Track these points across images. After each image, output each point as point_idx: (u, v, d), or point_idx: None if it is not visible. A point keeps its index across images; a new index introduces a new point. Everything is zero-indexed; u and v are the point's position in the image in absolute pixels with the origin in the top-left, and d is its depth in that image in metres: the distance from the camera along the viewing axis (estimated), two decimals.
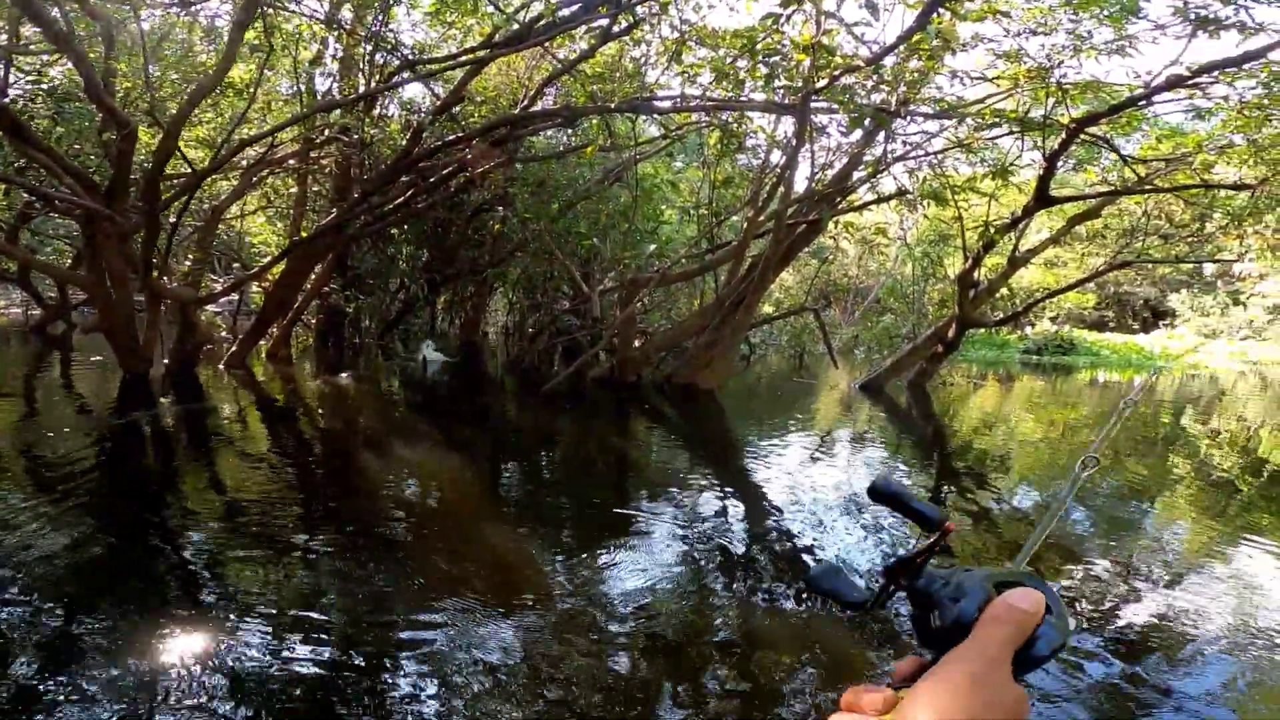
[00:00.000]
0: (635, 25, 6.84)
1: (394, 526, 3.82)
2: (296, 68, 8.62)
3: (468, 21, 10.46)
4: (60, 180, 5.69)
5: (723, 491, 5.07)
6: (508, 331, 16.47)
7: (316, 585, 3.01)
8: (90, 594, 2.76)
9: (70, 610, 2.61)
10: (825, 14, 5.78)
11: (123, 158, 5.87)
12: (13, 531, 3.29)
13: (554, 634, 2.65)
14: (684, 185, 12.65)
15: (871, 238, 10.65)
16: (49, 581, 2.86)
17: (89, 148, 6.93)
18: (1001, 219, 9.71)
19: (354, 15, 9.23)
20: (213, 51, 8.49)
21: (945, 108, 6.42)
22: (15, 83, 7.17)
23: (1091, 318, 30.95)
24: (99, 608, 2.67)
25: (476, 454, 5.92)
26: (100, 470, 4.51)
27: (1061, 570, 3.75)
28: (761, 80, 6.69)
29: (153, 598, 2.78)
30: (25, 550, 3.09)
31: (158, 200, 5.85)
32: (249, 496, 4.19)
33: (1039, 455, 7.74)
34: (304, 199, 9.75)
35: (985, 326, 12.37)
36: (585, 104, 8.45)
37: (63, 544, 3.20)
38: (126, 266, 6.38)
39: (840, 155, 8.68)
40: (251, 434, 6.09)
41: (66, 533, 3.32)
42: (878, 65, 5.48)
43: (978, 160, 8.20)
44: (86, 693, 2.10)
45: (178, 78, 7.29)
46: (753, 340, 15.13)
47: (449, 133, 8.88)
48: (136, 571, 3.04)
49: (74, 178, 5.67)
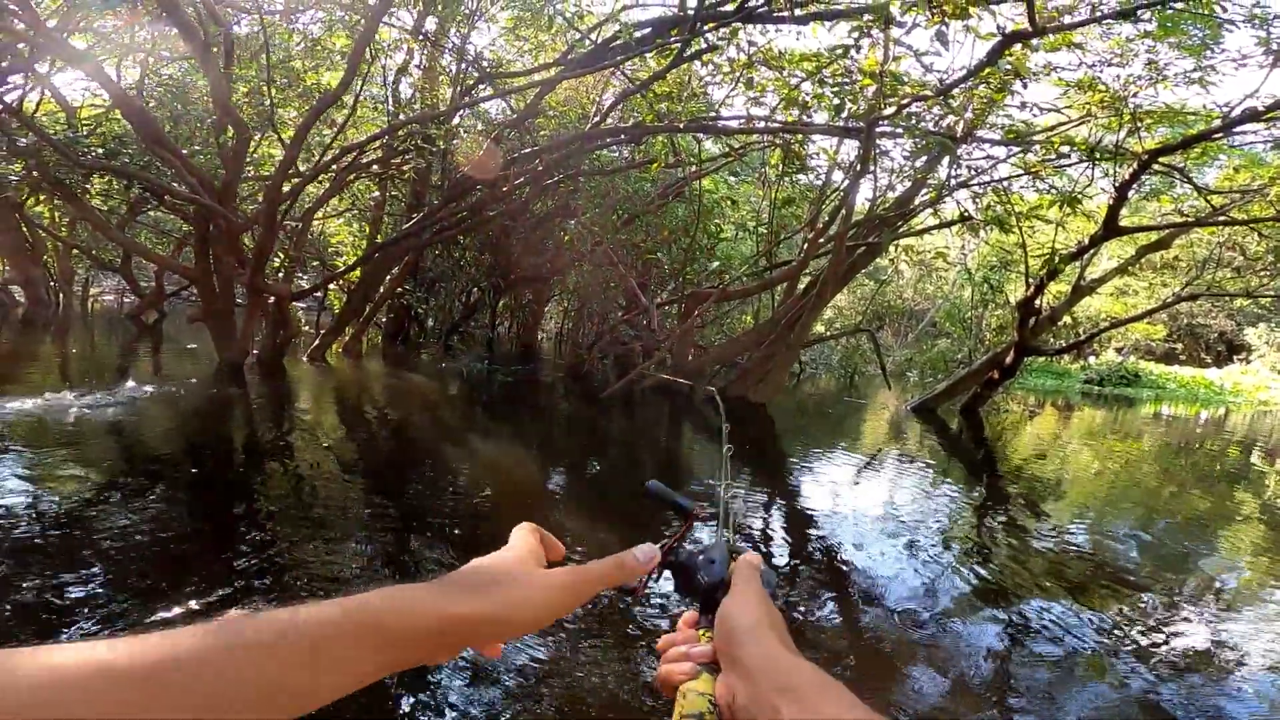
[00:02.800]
0: (710, 50, 7.12)
1: (446, 513, 4.03)
2: (385, 75, 9.23)
3: (541, 38, 11.00)
4: (182, 179, 6.27)
5: (766, 502, 5.18)
6: (561, 338, 16.91)
7: (362, 563, 3.18)
8: (170, 565, 3.03)
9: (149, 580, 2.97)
10: (894, 42, 5.95)
11: (237, 160, 6.45)
12: (109, 503, 3.71)
13: (586, 626, 2.72)
14: (742, 202, 12.86)
15: (931, 262, 10.61)
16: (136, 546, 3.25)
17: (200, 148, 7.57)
18: (1067, 247, 9.60)
19: (438, 27, 9.82)
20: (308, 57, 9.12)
21: (1013, 135, 6.48)
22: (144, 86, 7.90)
23: (1160, 349, 29.66)
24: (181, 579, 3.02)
25: (530, 451, 6.19)
26: (192, 446, 4.99)
27: (1112, 594, 3.76)
28: (828, 105, 6.89)
29: (223, 568, 3.10)
30: (114, 520, 3.46)
31: (278, 204, 6.39)
32: (321, 477, 4.55)
33: (1090, 486, 7.60)
34: (383, 203, 10.35)
35: (1045, 354, 12.15)
36: (653, 122, 8.77)
37: (151, 514, 3.59)
38: (233, 261, 6.96)
39: (903, 178, 8.76)
40: (331, 421, 6.55)
41: (156, 503, 3.72)
42: (946, 96, 5.60)
43: (1045, 187, 8.17)
44: None
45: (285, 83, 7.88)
46: (804, 359, 15.16)
47: (525, 145, 9.34)
48: (214, 544, 3.37)
49: (196, 178, 6.25)
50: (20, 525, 3.09)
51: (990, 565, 4.16)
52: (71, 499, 3.47)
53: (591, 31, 9.70)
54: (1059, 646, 3.05)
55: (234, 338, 7.60)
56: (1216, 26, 5.94)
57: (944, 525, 4.98)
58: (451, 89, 9.34)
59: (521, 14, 10.47)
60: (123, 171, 6.01)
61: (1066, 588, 3.81)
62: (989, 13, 4.85)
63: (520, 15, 10.56)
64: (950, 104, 5.80)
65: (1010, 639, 3.13)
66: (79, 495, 3.55)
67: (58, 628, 2.31)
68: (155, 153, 6.22)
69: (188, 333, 11.81)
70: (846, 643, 2.89)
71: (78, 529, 3.12)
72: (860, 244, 8.97)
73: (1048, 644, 3.07)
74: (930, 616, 3.27)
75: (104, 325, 12.42)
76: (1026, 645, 3.06)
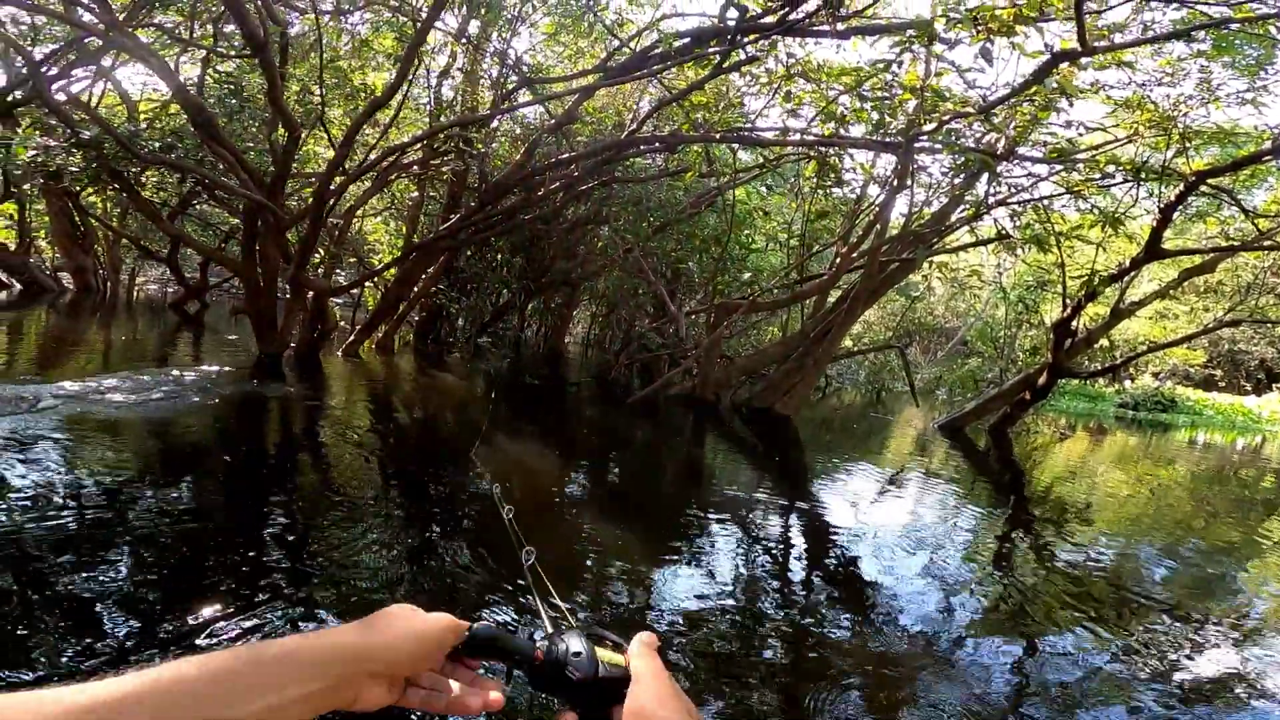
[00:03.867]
0: (750, 61, 7.15)
1: (471, 510, 4.06)
2: (428, 77, 9.44)
3: (581, 44, 11.15)
4: (235, 174, 6.47)
5: (788, 514, 5.17)
6: (588, 342, 17.01)
7: (383, 552, 3.22)
8: (198, 550, 3.13)
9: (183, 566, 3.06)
10: (937, 57, 5.92)
11: (287, 157, 6.65)
12: (144, 485, 3.82)
13: (603, 625, 2.77)
14: (773, 213, 12.85)
15: (965, 279, 10.49)
16: (169, 530, 3.35)
17: (251, 145, 7.79)
18: (1107, 269, 9.42)
19: (480, 31, 10.01)
20: (354, 58, 9.35)
21: (1056, 153, 6.40)
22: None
23: (1199, 375, 28.85)
24: (209, 564, 3.11)
25: (557, 453, 6.25)
26: (228, 433, 5.15)
27: (1134, 618, 3.70)
28: (867, 119, 6.86)
29: (252, 554, 3.20)
30: (147, 503, 3.57)
31: (325, 202, 6.56)
32: (351, 468, 4.66)
33: (1118, 509, 7.45)
34: (421, 203, 10.55)
35: (1079, 377, 11.91)
36: (689, 132, 8.82)
37: (182, 499, 3.70)
38: (279, 256, 7.16)
39: (940, 194, 8.69)
40: (363, 415, 6.69)
41: (189, 488, 3.84)
42: (989, 114, 5.56)
43: (1087, 206, 8.03)
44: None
45: (334, 83, 8.10)
46: (830, 373, 15.05)
47: (560, 151, 9.46)
48: (241, 530, 3.46)
49: (248, 174, 6.45)
50: (56, 508, 3.21)
51: (1010, 585, 4.13)
52: (106, 481, 3.59)
53: (631, 40, 9.80)
54: (1077, 668, 3.02)
55: (274, 330, 7.80)
56: (1271, 47, 5.82)
57: (966, 544, 4.94)
58: (492, 92, 9.50)
59: (562, 20, 10.63)
60: (179, 165, 6.23)
61: (1088, 610, 3.76)
62: (1036, 30, 4.81)
63: (561, 21, 10.72)
64: (992, 121, 5.75)
65: (1027, 660, 3.10)
66: (114, 477, 3.67)
67: (87, 621, 2.38)
68: (210, 147, 6.44)
69: (228, 324, 12.14)
70: (859, 658, 2.88)
71: (110, 512, 3.22)
72: (894, 260, 8.91)
73: (1066, 665, 3.04)
74: (946, 634, 3.25)
75: (148, 314, 12.81)
76: (1043, 666, 3.03)
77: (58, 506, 3.16)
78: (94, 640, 2.16)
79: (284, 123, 6.41)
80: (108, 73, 7.22)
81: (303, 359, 8.34)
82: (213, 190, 7.82)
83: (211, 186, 7.06)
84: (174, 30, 7.11)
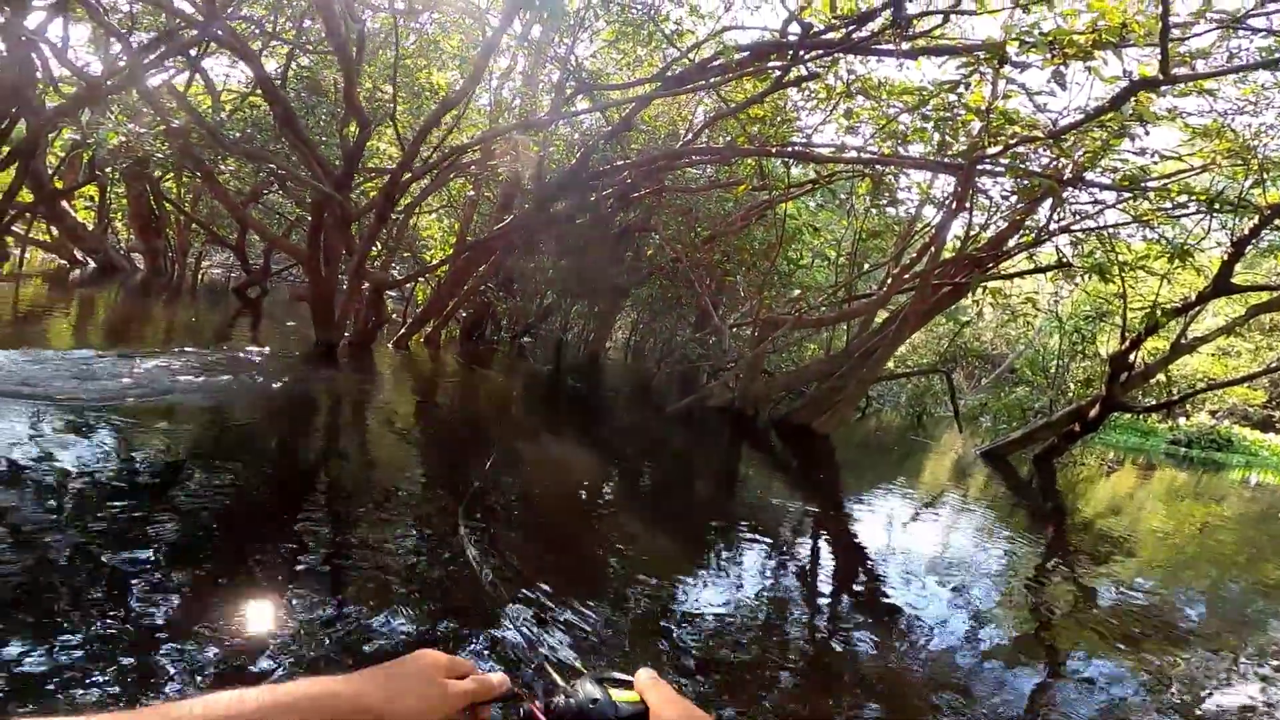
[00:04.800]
0: (811, 77, 7.15)
1: (504, 505, 4.07)
2: (490, 78, 9.69)
3: (639, 52, 11.28)
4: (308, 166, 6.74)
5: (818, 531, 5.13)
6: (628, 348, 17.11)
7: (417, 542, 3.26)
8: (242, 525, 3.22)
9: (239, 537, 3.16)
10: (1006, 79, 5.84)
11: (356, 152, 6.90)
12: (198, 459, 3.99)
13: (626, 629, 2.76)
14: (822, 229, 12.77)
15: (1019, 306, 10.26)
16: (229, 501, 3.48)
17: (322, 138, 8.10)
18: (1171, 302, 9.11)
19: (541, 35, 10.23)
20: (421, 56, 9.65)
21: (1127, 180, 6.23)
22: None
23: (1258, 415, 27.68)
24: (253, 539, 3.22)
25: (593, 456, 6.31)
26: (281, 414, 5.36)
27: (1165, 653, 3.61)
28: (927, 139, 6.79)
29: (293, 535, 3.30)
30: (197, 480, 3.70)
31: (394, 198, 6.79)
32: (396, 456, 4.81)
33: (1159, 545, 7.22)
34: (476, 202, 10.79)
35: (1134, 411, 11.53)
36: (744, 144, 8.85)
37: (230, 477, 3.85)
38: (342, 248, 7.42)
39: (998, 218, 8.53)
40: (411, 405, 6.87)
41: (239, 466, 4.00)
42: (1058, 139, 5.46)
43: (1155, 236, 7.79)
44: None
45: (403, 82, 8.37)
46: (870, 394, 14.84)
47: (617, 157, 9.59)
48: (285, 509, 3.58)
49: (319, 166, 6.71)
50: (111, 476, 3.37)
51: (1039, 614, 4.07)
52: (153, 455, 3.74)
53: (690, 51, 9.88)
54: (1101, 698, 2.97)
55: (332, 319, 8.07)
56: None
57: (998, 571, 4.87)
58: (554, 96, 9.69)
59: (623, 28, 10.79)
60: (258, 155, 6.53)
61: (1117, 642, 3.70)
62: (1115, 55, 4.72)
63: (621, 29, 10.88)
64: (1061, 146, 5.64)
65: (1050, 688, 3.06)
66: (161, 453, 3.81)
67: (134, 592, 2.48)
68: (287, 139, 6.71)
69: (285, 310, 12.58)
70: (878, 678, 2.86)
71: (164, 485, 3.37)
72: (947, 283, 8.77)
73: (1089, 695, 2.99)
74: (969, 660, 3.21)
75: (211, 296, 13.38)
76: (1066, 695, 2.98)
77: (103, 479, 3.32)
78: (125, 617, 2.25)
79: (357, 119, 6.66)
80: (196, 63, 7.61)
81: (356, 348, 8.60)
82: (284, 181, 8.14)
83: (284, 177, 7.35)
84: (260, 22, 7.45)
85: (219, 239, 13.02)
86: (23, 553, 2.45)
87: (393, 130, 9.52)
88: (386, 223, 7.28)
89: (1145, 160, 6.34)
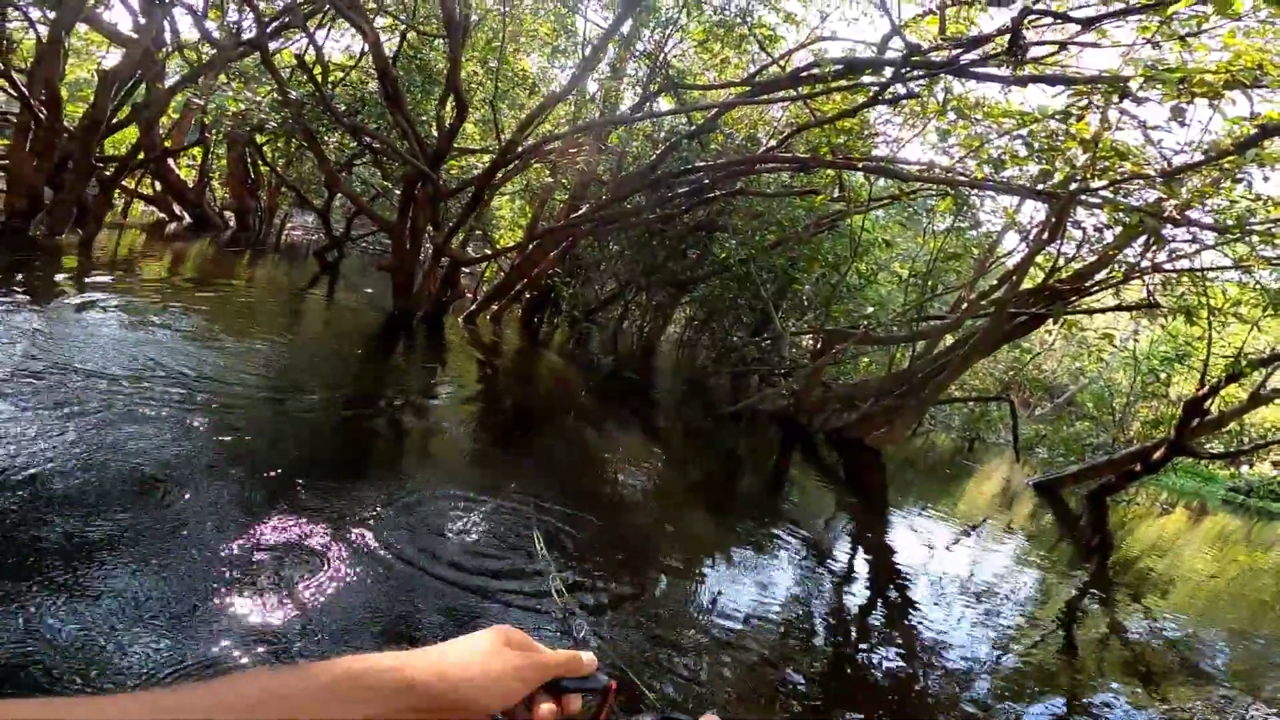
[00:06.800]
0: (910, 97, 7.07)
1: (548, 486, 4.14)
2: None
3: (728, 53, 11.26)
4: (408, 141, 7.02)
5: (856, 544, 5.18)
6: (681, 344, 17.18)
7: (471, 507, 3.44)
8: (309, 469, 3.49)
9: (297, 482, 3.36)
10: (1121, 112, 5.68)
11: (452, 133, 7.13)
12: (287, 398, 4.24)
13: (660, 619, 2.84)
14: (895, 244, 12.59)
15: (1095, 341, 9.97)
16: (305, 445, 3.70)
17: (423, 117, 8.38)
18: (1258, 353, 8.76)
19: (631, 30, 10.31)
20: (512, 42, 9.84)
21: (1234, 223, 6.01)
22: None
23: None
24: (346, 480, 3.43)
25: (642, 449, 6.43)
26: (363, 372, 5.68)
27: (1190, 692, 3.62)
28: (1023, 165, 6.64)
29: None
30: (287, 412, 3.97)
31: (492, 180, 7.02)
32: (460, 424, 5.04)
33: (1200, 588, 7.09)
34: (552, 189, 11.00)
35: (1201, 458, 11.11)
36: (828, 155, 8.79)
37: (306, 419, 4.10)
38: (428, 222, 7.69)
39: (1088, 250, 8.30)
40: (478, 377, 7.16)
41: (315, 410, 4.24)
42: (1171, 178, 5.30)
43: (1251, 281, 7.49)
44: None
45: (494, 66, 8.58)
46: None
47: (696, 157, 9.64)
48: (352, 462, 3.80)
49: (417, 143, 6.98)
50: (198, 402, 3.66)
51: (1067, 645, 4.08)
52: (247, 388, 4.12)
53: (781, 58, 9.83)
54: None
55: (411, 289, 8.38)
56: None
57: (1032, 600, 4.88)
58: (641, 91, 9.78)
59: (714, 29, 10.78)
60: (363, 129, 6.83)
61: (1140, 678, 3.72)
62: (1244, 94, 4.57)
63: (712, 30, 10.87)
64: (1173, 185, 5.48)
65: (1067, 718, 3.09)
66: (254, 384, 4.19)
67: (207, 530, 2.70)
68: (390, 114, 6.99)
69: (360, 275, 13.07)
70: (896, 694, 2.91)
71: (243, 417, 3.68)
72: (1025, 313, 8.59)
73: None
74: (989, 684, 3.25)
75: (293, 256, 13.98)
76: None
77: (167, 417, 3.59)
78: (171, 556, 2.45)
79: (457, 101, 6.89)
80: (312, 36, 7.96)
81: (430, 319, 8.91)
82: (380, 154, 8.45)
83: (382, 151, 7.66)
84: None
85: (307, 202, 13.57)
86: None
87: (484, 113, 9.79)
88: (482, 203, 7.52)
89: (1252, 202, 6.09)
